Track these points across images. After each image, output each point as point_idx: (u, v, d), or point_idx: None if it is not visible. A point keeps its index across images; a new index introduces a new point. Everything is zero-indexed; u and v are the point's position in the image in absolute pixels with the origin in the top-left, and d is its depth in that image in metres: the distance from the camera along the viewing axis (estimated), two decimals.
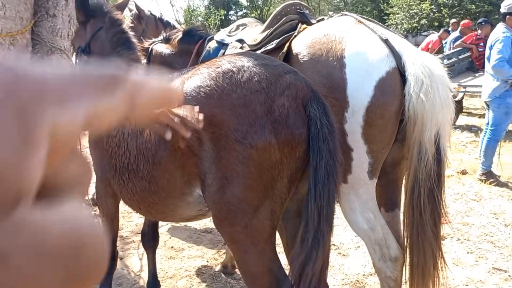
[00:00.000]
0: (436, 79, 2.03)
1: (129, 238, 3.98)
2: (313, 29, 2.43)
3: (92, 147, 2.49)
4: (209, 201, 1.75)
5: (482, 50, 8.67)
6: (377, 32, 2.18)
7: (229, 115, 1.66)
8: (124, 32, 2.70)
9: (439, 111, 2.01)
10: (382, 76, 2.04)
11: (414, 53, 2.12)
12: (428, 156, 2.03)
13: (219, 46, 3.13)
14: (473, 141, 7.43)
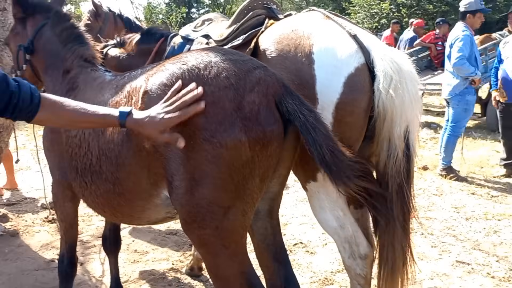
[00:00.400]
0: (405, 75, 2.01)
1: (89, 243, 3.81)
2: (280, 24, 2.38)
3: (48, 149, 2.35)
4: (177, 203, 1.66)
5: (441, 48, 8.94)
6: (345, 27, 2.15)
7: (196, 113, 1.58)
8: (75, 27, 2.55)
9: (408, 107, 1.99)
10: (351, 72, 2.02)
11: (383, 49, 2.09)
12: (398, 152, 2.01)
13: (184, 41, 3.04)
14: (433, 138, 7.62)
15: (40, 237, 3.90)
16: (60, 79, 2.39)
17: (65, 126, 2.05)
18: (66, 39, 2.46)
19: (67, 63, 2.39)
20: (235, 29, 2.65)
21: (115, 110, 1.61)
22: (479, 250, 3.56)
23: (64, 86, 2.30)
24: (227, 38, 2.69)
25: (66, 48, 2.43)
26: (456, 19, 15.03)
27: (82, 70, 2.33)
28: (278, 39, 2.21)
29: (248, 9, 2.69)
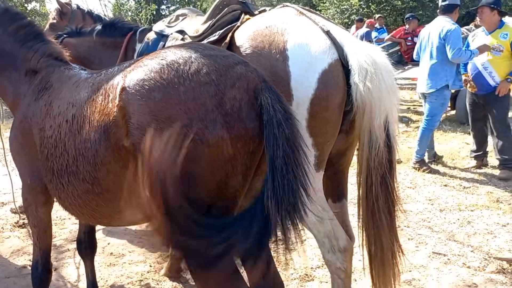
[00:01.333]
0: (380, 67, 2.04)
1: (63, 247, 3.70)
2: (255, 20, 2.37)
3: (18, 152, 2.26)
4: None
5: (410, 44, 9.10)
6: (318, 23, 2.16)
7: (177, 110, 1.53)
8: (33, 25, 2.47)
9: (386, 97, 2.02)
10: (325, 68, 2.04)
11: (356, 44, 2.13)
12: (379, 143, 2.03)
13: (158, 37, 2.99)
14: (405, 131, 7.75)
15: (10, 243, 3.75)
16: (22, 80, 2.32)
17: None
18: (25, 38, 2.38)
19: (31, 63, 2.31)
20: (211, 25, 2.64)
21: None
22: (454, 241, 3.63)
23: (35, 87, 2.22)
24: (203, 33, 2.66)
25: (26, 47, 2.35)
26: (424, 14, 15.40)
27: (54, 69, 2.26)
28: (252, 35, 2.21)
29: (223, 4, 2.69)
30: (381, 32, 11.20)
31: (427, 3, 15.56)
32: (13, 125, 2.31)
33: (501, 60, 5.22)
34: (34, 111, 2.15)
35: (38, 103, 2.15)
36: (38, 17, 19.09)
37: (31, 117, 2.15)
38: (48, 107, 2.07)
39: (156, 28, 3.08)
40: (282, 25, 2.16)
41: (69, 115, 1.92)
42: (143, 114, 1.57)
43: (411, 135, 7.45)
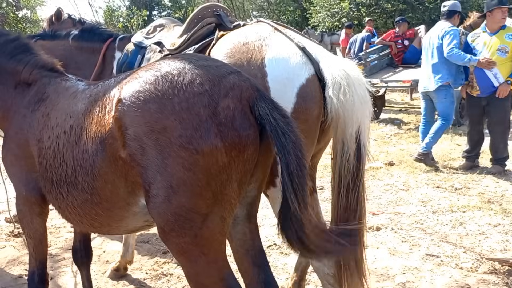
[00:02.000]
0: (353, 80, 2.13)
1: (59, 256, 3.70)
2: (231, 37, 2.42)
3: (12, 163, 2.27)
4: (154, 212, 1.64)
5: (401, 47, 9.19)
6: (294, 39, 2.25)
7: (172, 120, 1.56)
8: (21, 38, 2.49)
9: (358, 109, 2.11)
10: (303, 83, 2.14)
11: (330, 59, 2.23)
12: (350, 153, 2.13)
13: (137, 49, 3.03)
14: (397, 133, 7.82)
15: (6, 252, 3.75)
16: (11, 93, 2.33)
17: None
18: (13, 52, 2.39)
19: (21, 75, 2.32)
20: (187, 39, 2.71)
21: None
22: (447, 242, 3.68)
23: (31, 98, 2.23)
24: (180, 47, 2.73)
25: (15, 60, 2.36)
26: (413, 17, 15.52)
27: (50, 80, 2.27)
28: (230, 53, 2.28)
29: (198, 17, 2.75)
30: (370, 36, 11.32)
31: (416, 5, 15.69)
32: (6, 137, 2.31)
33: (506, 61, 5.26)
34: (30, 122, 2.16)
35: (34, 114, 2.16)
36: (29, 24, 19.05)
37: (27, 129, 2.16)
38: (46, 118, 2.10)
39: (135, 39, 3.11)
40: (259, 41, 2.24)
41: (67, 126, 1.95)
42: (139, 125, 1.60)
43: (403, 137, 7.53)
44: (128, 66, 2.98)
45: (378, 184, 5.27)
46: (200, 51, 2.56)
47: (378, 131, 8.19)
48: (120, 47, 3.24)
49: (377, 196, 4.88)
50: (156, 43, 2.97)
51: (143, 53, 2.98)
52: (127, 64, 3.01)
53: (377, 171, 5.77)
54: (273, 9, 24.73)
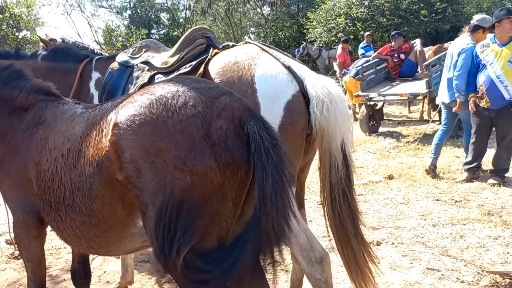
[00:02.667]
0: (335, 97, 2.35)
1: (59, 277, 3.69)
2: (222, 57, 2.60)
3: (11, 189, 2.28)
4: (151, 234, 1.65)
5: (397, 60, 9.26)
6: (280, 59, 2.46)
7: (166, 143, 1.59)
8: (13, 66, 2.53)
9: (341, 123, 2.33)
10: (289, 99, 2.35)
11: (313, 77, 2.45)
12: (338, 162, 2.33)
13: (122, 68, 3.12)
14: (396, 147, 7.83)
15: (6, 275, 3.74)
16: (6, 119, 2.35)
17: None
18: (6, 79, 2.41)
19: (17, 101, 2.34)
20: (180, 57, 2.88)
21: None
22: (447, 256, 3.67)
23: (28, 122, 2.25)
24: (173, 65, 2.90)
25: (9, 87, 2.38)
26: (409, 30, 15.66)
27: (47, 104, 2.30)
28: (222, 71, 2.48)
29: (190, 38, 2.96)
30: (368, 49, 11.45)
31: (411, 19, 15.85)
32: (2, 162, 2.31)
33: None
34: (28, 146, 2.18)
35: (33, 138, 2.19)
36: (29, 44, 19.25)
37: (25, 152, 2.18)
38: (44, 141, 2.12)
39: (120, 58, 3.20)
40: (248, 61, 2.45)
41: (65, 149, 1.98)
42: (135, 148, 1.63)
43: (402, 150, 7.54)
44: (113, 85, 3.08)
45: (378, 198, 5.27)
46: (196, 67, 2.73)
47: (377, 144, 8.20)
48: (98, 68, 3.32)
49: (377, 210, 4.88)
50: (143, 62, 3.08)
51: (129, 72, 3.07)
52: (112, 83, 3.10)
53: (377, 185, 5.77)
54: (270, 25, 24.97)
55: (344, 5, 17.02)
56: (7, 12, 15.69)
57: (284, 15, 24.16)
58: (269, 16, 25.23)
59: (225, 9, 24.07)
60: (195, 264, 1.61)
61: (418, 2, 15.71)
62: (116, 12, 27.40)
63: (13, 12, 16.61)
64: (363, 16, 16.52)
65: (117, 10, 27.39)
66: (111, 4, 27.48)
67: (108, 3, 27.31)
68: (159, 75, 2.95)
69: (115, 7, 27.46)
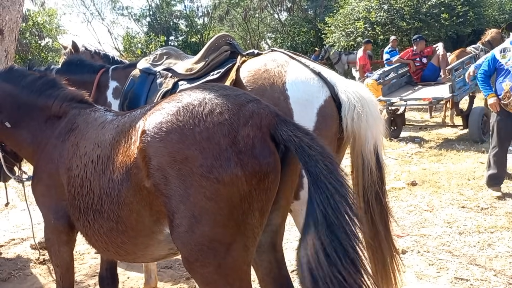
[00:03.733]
0: (367, 101, 2.40)
1: (84, 282, 3.72)
2: (250, 65, 2.64)
3: (43, 194, 2.33)
4: (178, 242, 1.65)
5: (419, 65, 9.15)
6: (309, 66, 2.50)
7: (193, 150, 1.59)
8: (47, 75, 2.60)
9: (373, 127, 2.36)
10: (321, 104, 2.39)
11: (344, 82, 2.50)
12: (371, 165, 2.35)
13: (144, 75, 3.14)
14: (418, 152, 7.70)
15: (32, 280, 3.79)
16: (43, 127, 2.41)
17: None
18: (41, 88, 2.47)
19: (51, 109, 2.40)
20: (206, 64, 2.92)
21: None
22: (475, 265, 3.57)
23: (61, 129, 2.30)
24: (199, 72, 2.94)
25: (44, 96, 2.44)
26: (429, 34, 15.44)
27: (79, 111, 2.35)
28: (253, 79, 2.51)
29: (215, 46, 3.00)
30: (394, 54, 11.24)
31: (432, 23, 15.62)
32: (36, 168, 2.39)
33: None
34: (61, 152, 2.23)
35: (65, 144, 2.24)
36: (51, 52, 19.65)
37: (58, 158, 2.23)
38: (75, 147, 2.16)
39: (141, 66, 3.22)
40: (278, 68, 2.49)
41: (95, 156, 2.00)
42: (162, 155, 1.63)
43: (424, 156, 7.41)
44: (135, 92, 3.11)
45: (402, 205, 5.18)
46: (224, 74, 2.78)
47: (398, 150, 8.09)
48: (115, 77, 3.36)
49: (401, 217, 4.79)
50: (165, 69, 3.10)
51: (152, 79, 3.10)
52: (134, 90, 3.13)
53: (400, 191, 5.67)
54: (287, 30, 24.96)
55: (363, 9, 16.88)
56: (30, 21, 16.04)
57: (301, 20, 24.13)
58: (286, 21, 25.23)
59: (243, 15, 24.19)
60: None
61: (438, 5, 15.47)
62: (135, 19, 27.80)
63: (36, 20, 16.97)
64: (382, 20, 16.35)
65: (136, 18, 27.79)
66: (130, 12, 27.89)
67: (127, 10, 27.74)
68: (183, 82, 2.97)
69: (135, 15, 27.86)
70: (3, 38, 3.60)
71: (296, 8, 24.10)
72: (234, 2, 25.17)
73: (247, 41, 25.77)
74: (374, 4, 16.59)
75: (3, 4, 3.53)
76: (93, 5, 26.62)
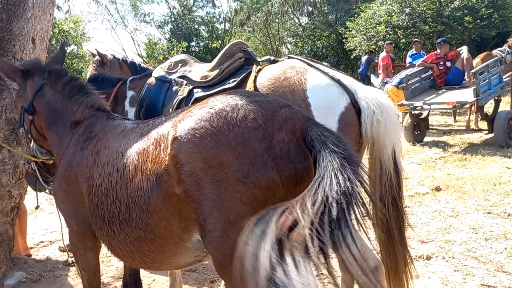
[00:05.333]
0: (386, 107, 2.46)
1: (111, 284, 3.80)
2: (269, 73, 2.67)
3: (62, 200, 2.34)
4: (211, 247, 1.67)
5: (442, 68, 9.04)
6: (328, 73, 2.55)
7: (228, 156, 1.61)
8: (75, 79, 2.62)
9: (391, 132, 2.42)
10: (342, 111, 2.45)
11: (364, 89, 2.56)
12: (389, 170, 2.40)
13: (159, 83, 3.22)
14: (442, 157, 7.60)
15: (61, 281, 3.88)
16: (67, 132, 2.42)
17: None
18: (70, 93, 2.50)
19: (75, 115, 2.42)
20: (221, 71, 2.97)
21: None
22: (503, 272, 3.51)
23: (80, 136, 2.30)
24: (214, 79, 2.99)
25: (72, 101, 2.47)
26: (453, 37, 15.19)
27: (97, 119, 2.35)
28: (273, 87, 2.56)
29: (229, 53, 3.06)
30: (416, 57, 11.05)
31: (455, 26, 15.39)
32: (57, 173, 2.39)
33: None
34: (80, 160, 2.22)
35: (83, 152, 2.22)
36: (76, 58, 20.05)
37: (76, 166, 2.23)
38: (95, 156, 2.14)
39: (156, 74, 3.30)
40: (298, 76, 2.53)
41: (120, 164, 1.99)
42: (196, 161, 1.65)
43: (448, 161, 7.31)
44: (151, 100, 3.18)
45: (426, 211, 5.13)
46: (240, 83, 2.83)
47: (422, 154, 7.99)
48: (131, 87, 3.46)
49: (425, 223, 4.74)
50: (180, 77, 3.17)
51: (167, 87, 3.16)
52: (150, 98, 3.21)
53: (424, 196, 5.62)
54: (307, 34, 24.92)
55: (384, 13, 16.74)
56: (56, 28, 16.41)
57: (322, 24, 24.06)
58: (307, 25, 25.19)
59: (263, 20, 24.25)
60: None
61: (462, 8, 15.23)
62: (157, 26, 28.17)
63: (61, 28, 17.36)
64: (404, 24, 16.19)
65: (158, 24, 28.15)
66: (152, 18, 28.27)
67: (149, 17, 28.14)
68: (198, 89, 3.02)
69: (157, 21, 28.23)
70: (35, 47, 3.72)
71: (317, 13, 24.05)
72: (255, 7, 25.26)
73: (267, 46, 25.80)
74: (395, 7, 16.44)
75: (35, 14, 3.65)
76: (117, 12, 27.08)
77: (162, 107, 3.10)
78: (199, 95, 2.97)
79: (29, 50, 3.62)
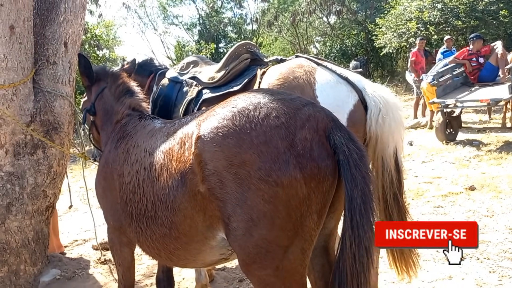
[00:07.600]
0: (391, 106, 2.50)
1: (141, 282, 3.86)
2: (278, 73, 2.68)
3: (101, 196, 2.43)
4: (235, 245, 1.68)
5: (475, 64, 8.76)
6: (336, 71, 2.57)
7: (250, 154, 1.61)
8: (125, 83, 2.76)
9: (394, 131, 2.47)
10: (351, 109, 2.49)
11: (371, 86, 2.58)
12: (390, 167, 2.48)
13: (172, 83, 3.29)
14: (476, 156, 7.37)
15: (94, 279, 3.98)
16: (111, 130, 2.55)
17: None
18: (119, 94, 2.66)
19: (118, 115, 2.56)
20: (226, 73, 3.02)
21: None
22: None
23: (115, 135, 2.42)
24: (219, 80, 3.04)
25: (119, 102, 2.61)
26: (487, 33, 14.75)
27: (130, 118, 2.47)
28: (282, 87, 2.58)
29: (235, 54, 3.09)
30: (448, 55, 10.75)
31: (490, 20, 14.89)
32: (98, 170, 2.52)
33: None
34: (114, 157, 2.32)
35: (117, 150, 2.33)
36: (108, 62, 20.54)
37: (111, 163, 2.33)
38: (126, 154, 2.23)
39: (169, 75, 3.38)
40: (306, 75, 2.56)
41: (147, 163, 2.04)
42: (219, 160, 1.66)
43: (483, 160, 7.09)
44: (164, 100, 3.25)
45: (459, 210, 4.99)
46: (246, 85, 2.86)
47: (455, 153, 7.77)
48: (157, 82, 3.51)
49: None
50: (191, 77, 3.24)
51: (179, 87, 3.24)
52: (164, 97, 3.28)
53: (457, 196, 5.46)
54: (336, 33, 24.64)
55: (415, 9, 16.36)
56: (89, 33, 16.85)
57: (351, 22, 23.75)
58: (336, 24, 24.92)
59: (291, 20, 24.14)
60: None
61: (497, 2, 14.71)
62: (186, 28, 28.48)
63: (94, 33, 17.80)
64: (436, 20, 15.78)
65: (187, 27, 28.46)
66: (181, 21, 28.60)
67: (178, 20, 28.48)
68: (206, 90, 3.08)
69: (185, 24, 28.55)
70: (67, 50, 3.82)
71: (346, 11, 23.77)
72: (282, 7, 25.19)
73: (295, 46, 25.69)
74: (427, 3, 16.04)
75: (67, 19, 3.75)
76: (147, 16, 27.54)
77: (173, 108, 3.17)
78: (207, 96, 3.05)
79: (62, 53, 3.72)
